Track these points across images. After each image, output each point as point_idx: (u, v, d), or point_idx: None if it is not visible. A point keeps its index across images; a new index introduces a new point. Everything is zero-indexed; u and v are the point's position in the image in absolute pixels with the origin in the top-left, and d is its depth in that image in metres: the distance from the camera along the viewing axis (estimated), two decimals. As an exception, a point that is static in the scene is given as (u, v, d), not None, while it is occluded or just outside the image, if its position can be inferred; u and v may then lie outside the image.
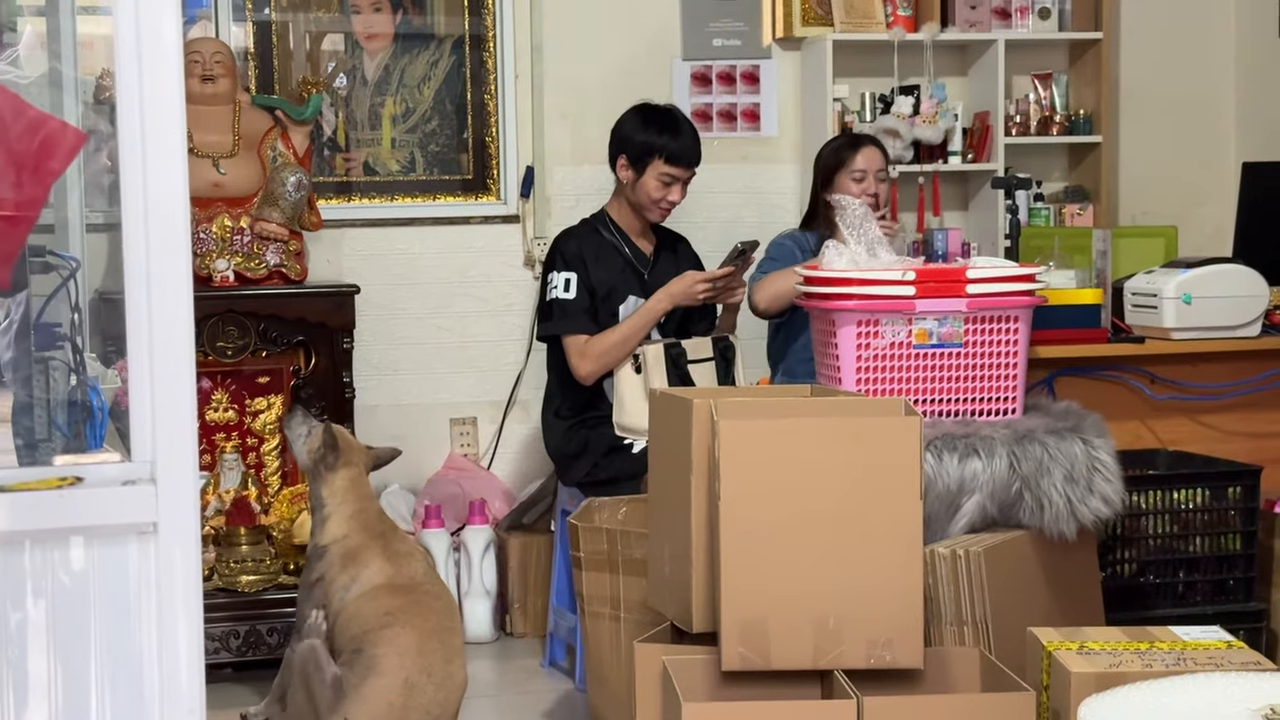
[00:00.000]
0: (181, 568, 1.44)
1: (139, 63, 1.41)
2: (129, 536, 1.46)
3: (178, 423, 1.45)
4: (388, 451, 4.20)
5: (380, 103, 5.46)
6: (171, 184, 1.42)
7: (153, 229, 1.40)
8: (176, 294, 1.43)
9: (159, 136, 1.42)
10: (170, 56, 1.44)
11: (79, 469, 1.49)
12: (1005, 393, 3.78)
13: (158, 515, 1.44)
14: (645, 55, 5.58)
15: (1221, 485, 4.08)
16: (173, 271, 1.42)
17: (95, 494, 1.46)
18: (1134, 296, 4.43)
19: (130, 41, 1.42)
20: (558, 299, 4.52)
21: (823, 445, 3.07)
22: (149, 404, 1.44)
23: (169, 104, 1.43)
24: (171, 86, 1.42)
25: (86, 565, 1.45)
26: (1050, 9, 5.70)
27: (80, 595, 1.45)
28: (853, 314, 3.71)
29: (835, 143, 4.95)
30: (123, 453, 1.91)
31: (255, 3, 5.33)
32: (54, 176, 1.67)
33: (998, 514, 3.62)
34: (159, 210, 1.40)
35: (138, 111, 1.44)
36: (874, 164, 4.82)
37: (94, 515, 1.45)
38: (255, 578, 4.64)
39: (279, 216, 4.83)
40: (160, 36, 1.44)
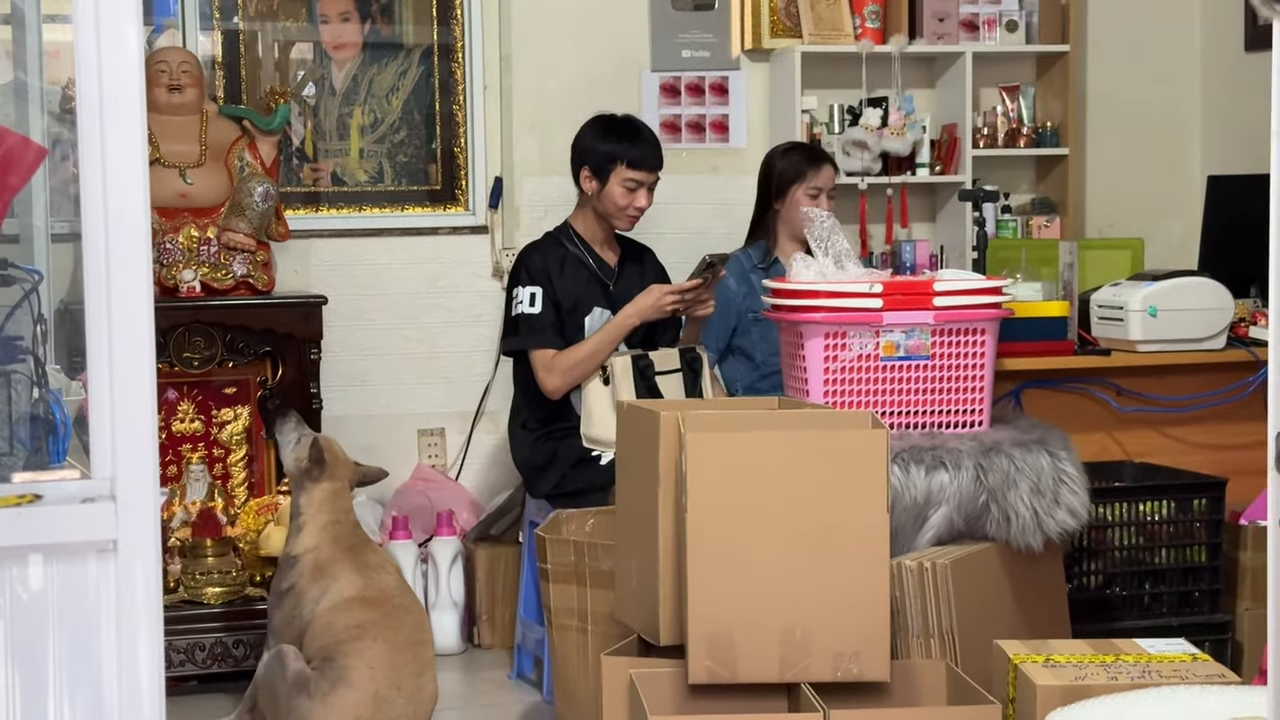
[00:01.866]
0: (142, 585, 1.43)
1: (99, 75, 1.40)
2: (89, 554, 1.44)
3: (138, 440, 1.43)
4: (375, 471, 4.20)
5: (348, 113, 5.45)
6: (132, 199, 1.41)
7: (113, 244, 1.39)
8: (137, 310, 1.42)
9: (119, 150, 1.41)
10: (131, 67, 1.43)
11: (38, 486, 1.48)
12: (972, 405, 3.79)
13: (117, 533, 1.43)
14: (614, 66, 5.58)
15: (1187, 497, 4.10)
16: (133, 287, 1.41)
17: (54, 511, 1.44)
18: (1100, 309, 4.44)
19: (91, 52, 1.40)
20: (523, 314, 4.52)
21: (789, 458, 3.07)
22: (109, 421, 1.43)
23: (129, 116, 1.42)
24: (132, 98, 1.41)
25: (45, 583, 1.44)
26: (1018, 22, 5.72)
27: (39, 613, 1.44)
28: (820, 326, 3.71)
29: (793, 154, 4.97)
30: (85, 465, 1.90)
31: (223, 11, 5.32)
32: (12, 192, 1.66)
33: (964, 526, 3.63)
34: (119, 224, 1.39)
35: (98, 124, 1.43)
36: (829, 183, 4.90)
37: (53, 533, 1.44)
38: (221, 589, 4.62)
39: (246, 227, 4.81)
40: (121, 46, 1.42)
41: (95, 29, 1.40)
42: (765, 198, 5.00)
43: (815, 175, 4.88)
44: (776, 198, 4.95)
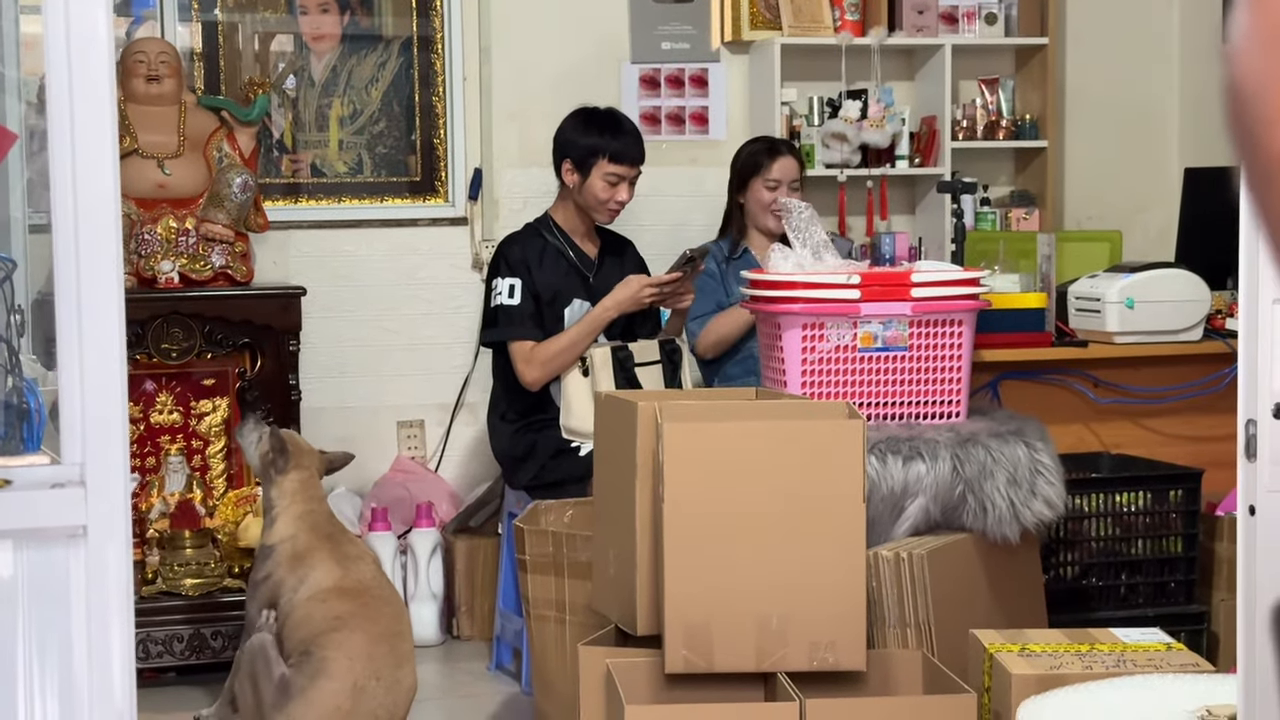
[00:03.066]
0: (113, 571, 1.43)
1: (69, 64, 1.40)
2: (59, 539, 1.44)
3: (107, 426, 1.43)
4: (341, 456, 4.19)
5: (328, 104, 5.44)
6: (101, 187, 1.41)
7: (82, 232, 1.39)
8: (106, 296, 1.42)
9: (89, 139, 1.41)
10: (101, 56, 1.42)
11: (7, 471, 1.48)
12: (949, 396, 3.80)
13: (87, 518, 1.43)
14: (594, 58, 5.58)
15: (1163, 488, 4.11)
16: (102, 274, 1.41)
17: (24, 497, 1.44)
18: (1077, 300, 4.45)
19: (60, 41, 1.40)
20: (503, 305, 4.51)
21: (766, 448, 3.08)
22: (79, 407, 1.43)
23: (99, 105, 1.42)
24: (102, 87, 1.41)
25: (15, 568, 1.43)
26: (997, 14, 5.74)
27: (9, 598, 1.44)
28: (798, 317, 3.71)
29: (753, 146, 5.02)
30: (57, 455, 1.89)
31: (202, 3, 5.30)
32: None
33: (941, 517, 3.64)
34: (88, 213, 1.39)
35: (68, 113, 1.42)
36: (789, 174, 4.91)
37: (23, 518, 1.44)
38: (200, 581, 4.61)
39: (225, 218, 4.80)
40: (92, 35, 1.42)
41: (65, 18, 1.40)
42: (731, 190, 5.05)
43: (771, 167, 4.91)
44: (739, 190, 5.00)
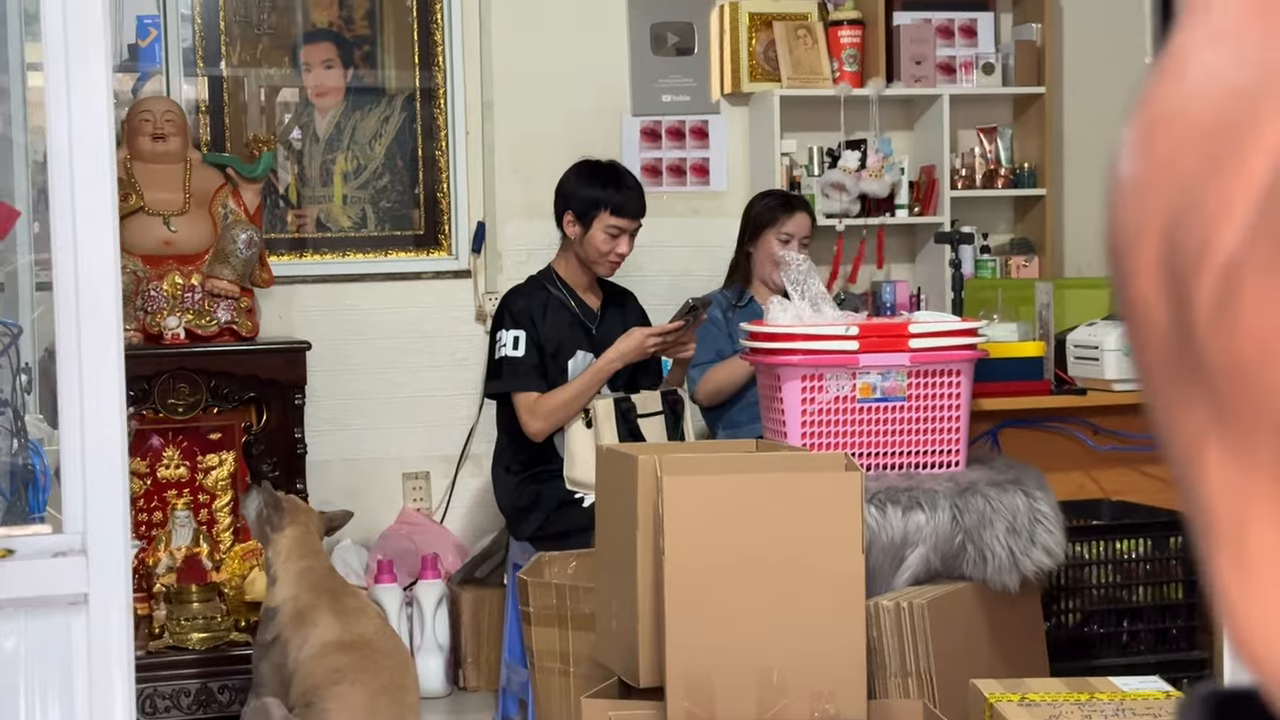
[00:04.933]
0: (114, 637, 1.45)
1: (69, 124, 1.43)
2: (60, 607, 1.47)
3: (108, 495, 1.46)
4: (340, 515, 4.23)
5: (332, 159, 5.49)
6: (101, 252, 1.44)
7: (83, 299, 1.42)
8: (106, 366, 1.45)
9: (89, 200, 1.44)
10: (100, 116, 1.46)
11: (10, 541, 1.51)
12: (948, 445, 3.82)
13: (89, 586, 1.45)
14: (595, 111, 5.63)
15: (1164, 535, 4.13)
16: (103, 343, 1.44)
17: (26, 566, 1.47)
18: (1076, 348, 4.48)
19: (61, 101, 1.44)
20: (507, 357, 4.55)
21: (765, 501, 3.10)
22: (80, 477, 1.46)
23: (99, 165, 1.45)
24: (101, 147, 1.45)
25: (18, 636, 1.46)
26: (994, 64, 5.79)
27: (11, 666, 1.46)
28: (797, 369, 3.74)
29: (769, 199, 5.06)
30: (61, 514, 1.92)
31: (207, 59, 5.36)
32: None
33: (941, 566, 3.66)
34: (88, 278, 1.42)
35: (68, 174, 1.46)
36: (801, 230, 4.95)
37: (25, 587, 1.46)
38: (206, 635, 4.64)
39: (230, 274, 4.85)
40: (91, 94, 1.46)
41: (65, 78, 1.43)
42: (741, 240, 5.09)
43: (787, 221, 4.94)
44: (750, 240, 5.03)
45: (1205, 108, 0.46)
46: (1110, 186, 0.48)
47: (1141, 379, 0.49)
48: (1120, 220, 0.47)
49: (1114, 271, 0.49)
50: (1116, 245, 0.48)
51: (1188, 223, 0.46)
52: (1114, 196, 0.47)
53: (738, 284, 5.06)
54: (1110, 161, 0.49)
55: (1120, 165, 0.47)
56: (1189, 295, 0.46)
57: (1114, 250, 0.48)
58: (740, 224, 5.10)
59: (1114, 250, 0.48)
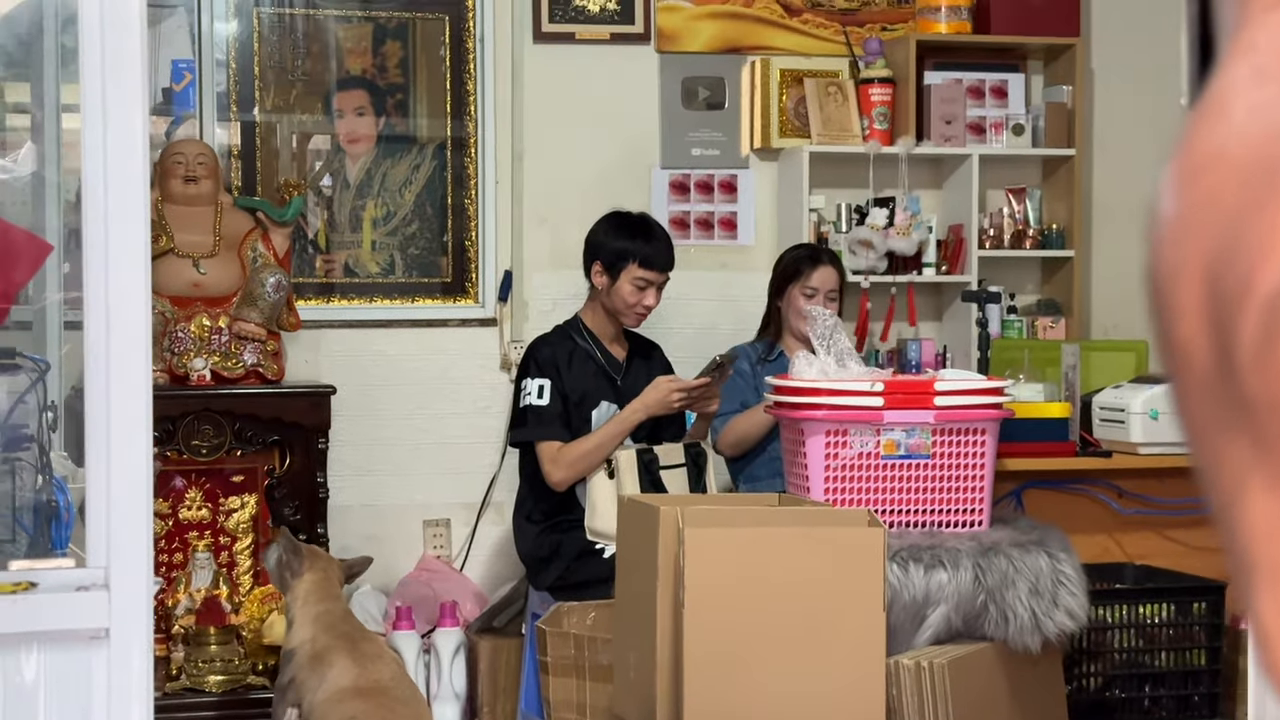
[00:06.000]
0: (135, 673, 1.45)
1: (104, 166, 1.44)
2: (81, 642, 1.47)
3: (133, 530, 1.47)
4: (360, 561, 4.24)
5: (361, 205, 5.51)
6: (133, 290, 1.45)
7: (113, 335, 1.43)
8: (135, 401, 1.46)
9: (122, 241, 1.45)
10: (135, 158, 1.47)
11: (33, 574, 1.51)
12: (972, 504, 3.81)
13: (110, 621, 1.46)
14: (625, 163, 5.65)
15: (1187, 600, 4.11)
16: (132, 378, 1.45)
17: (49, 600, 1.47)
18: (1102, 411, 4.47)
19: (97, 143, 1.45)
20: (531, 405, 4.55)
21: (787, 555, 3.10)
22: (104, 510, 1.47)
23: (133, 206, 1.46)
24: (136, 189, 1.46)
25: (39, 670, 1.46)
26: (1024, 125, 5.79)
27: (31, 699, 1.46)
28: (821, 424, 3.74)
29: (796, 253, 5.07)
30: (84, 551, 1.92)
31: (241, 103, 5.40)
32: (17, 287, 1.70)
33: (963, 626, 3.64)
34: (120, 315, 1.43)
35: (102, 215, 1.47)
36: (827, 283, 4.94)
37: (47, 621, 1.47)
38: (224, 678, 4.63)
39: (257, 317, 4.87)
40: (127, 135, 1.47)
41: (102, 120, 1.44)
42: (771, 294, 5.10)
43: (812, 274, 4.95)
44: (778, 294, 5.04)
45: (1248, 147, 0.46)
46: (1150, 228, 0.48)
47: (1183, 419, 0.49)
48: (1161, 260, 0.47)
49: (1155, 312, 0.49)
50: (1157, 285, 0.48)
51: (1230, 261, 0.46)
52: (1154, 237, 0.47)
53: (768, 338, 5.07)
54: (1150, 203, 0.49)
55: (1161, 206, 0.47)
56: (1231, 333, 0.46)
57: (1155, 290, 0.48)
58: (770, 277, 5.12)
59: (1155, 290, 0.48)
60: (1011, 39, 5.75)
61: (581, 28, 5.62)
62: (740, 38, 5.73)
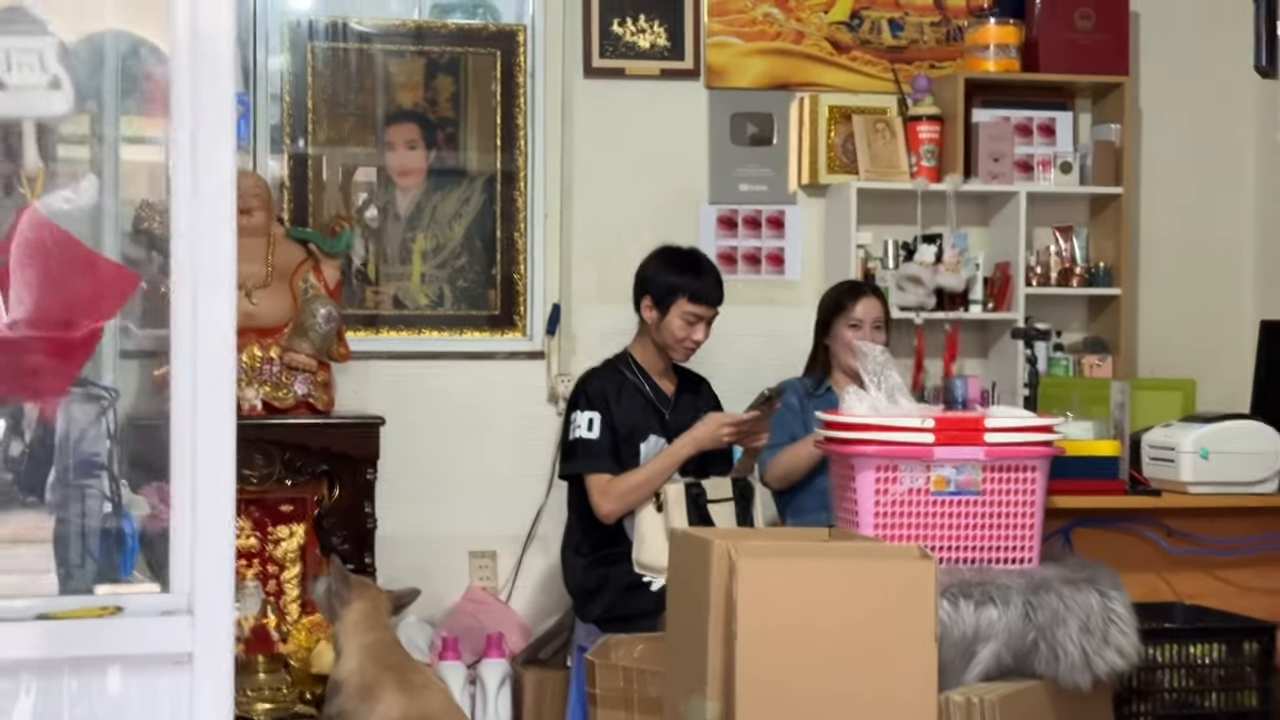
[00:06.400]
0: (218, 697, 1.48)
1: (194, 194, 1.47)
2: (165, 666, 1.49)
3: (216, 556, 1.49)
4: (409, 593, 4.26)
5: (411, 237, 5.56)
6: (221, 320, 1.48)
7: (200, 363, 1.46)
8: (221, 429, 1.48)
9: (212, 272, 1.48)
10: (224, 188, 1.50)
11: (119, 599, 1.54)
12: (1022, 541, 3.81)
13: (193, 645, 1.48)
14: (673, 198, 5.68)
15: (1238, 641, 4.09)
16: (218, 408, 1.48)
17: (134, 623, 1.50)
18: (1151, 449, 4.46)
19: (186, 174, 1.48)
20: (581, 438, 4.57)
21: (840, 587, 3.10)
22: (189, 537, 1.49)
23: (220, 238, 1.50)
24: (224, 220, 1.49)
25: (123, 693, 1.49)
26: (1072, 163, 5.80)
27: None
28: (872, 459, 3.75)
29: (838, 287, 5.11)
30: (149, 577, 1.95)
31: (293, 136, 5.45)
32: (106, 318, 1.74)
33: (1013, 663, 3.64)
34: (208, 344, 1.46)
35: (190, 246, 1.50)
36: (871, 314, 4.96)
37: (132, 644, 1.49)
38: (271, 706, 4.65)
39: (308, 347, 4.91)
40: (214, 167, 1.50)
41: (191, 151, 1.47)
42: (817, 330, 5.11)
43: (855, 306, 4.97)
44: (824, 331, 5.06)
45: None
46: None
47: None
48: None
49: None
50: None
51: None
52: None
53: (817, 373, 5.08)
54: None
55: None
56: None
57: None
58: (815, 315, 5.14)
59: None
60: (1060, 77, 5.77)
61: (632, 63, 5.66)
62: (789, 74, 5.77)
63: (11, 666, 1.48)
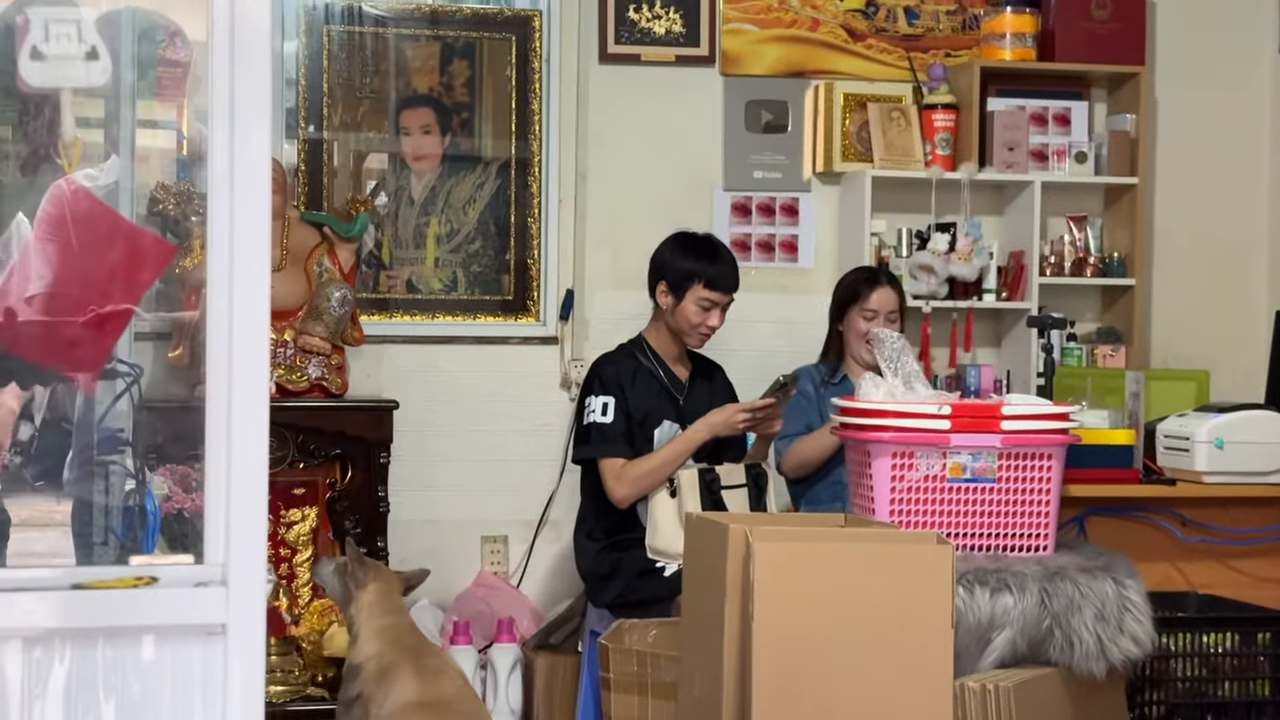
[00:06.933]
0: (251, 668, 1.48)
1: (230, 177, 1.48)
2: (199, 637, 1.50)
3: (250, 527, 1.50)
4: (418, 574, 4.26)
5: (425, 222, 5.56)
6: (256, 294, 1.48)
7: (236, 339, 1.47)
8: (256, 403, 1.49)
9: (247, 250, 1.49)
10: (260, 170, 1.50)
11: (154, 569, 1.54)
12: (1037, 529, 3.81)
13: (228, 617, 1.49)
14: (687, 184, 5.68)
15: (1251, 631, 4.09)
16: (253, 382, 1.48)
17: (168, 594, 1.51)
18: (1166, 439, 4.46)
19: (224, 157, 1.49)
20: (595, 423, 4.57)
21: (857, 570, 3.11)
22: (223, 508, 1.50)
23: (258, 218, 1.50)
24: (260, 200, 1.49)
25: (156, 663, 1.49)
26: (1087, 153, 5.79)
27: (149, 693, 1.49)
28: (888, 446, 3.75)
29: (854, 275, 5.09)
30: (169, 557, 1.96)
31: (309, 120, 5.46)
32: (145, 287, 1.74)
33: (1028, 650, 3.64)
34: (243, 321, 1.47)
35: (227, 223, 1.50)
36: (886, 305, 4.95)
37: (166, 615, 1.50)
38: (283, 689, 4.66)
39: (322, 331, 4.91)
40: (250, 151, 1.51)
41: (229, 131, 1.48)
42: (832, 318, 5.11)
43: (870, 296, 4.97)
44: (838, 318, 5.06)
45: None
46: None
47: None
48: None
49: None
50: None
51: None
52: None
53: (832, 361, 5.08)
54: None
55: None
56: None
57: None
58: (830, 302, 5.14)
59: None
60: (1076, 67, 5.76)
61: (647, 49, 5.66)
62: (804, 61, 5.76)
63: (46, 636, 1.49)
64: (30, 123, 2.49)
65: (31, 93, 2.08)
